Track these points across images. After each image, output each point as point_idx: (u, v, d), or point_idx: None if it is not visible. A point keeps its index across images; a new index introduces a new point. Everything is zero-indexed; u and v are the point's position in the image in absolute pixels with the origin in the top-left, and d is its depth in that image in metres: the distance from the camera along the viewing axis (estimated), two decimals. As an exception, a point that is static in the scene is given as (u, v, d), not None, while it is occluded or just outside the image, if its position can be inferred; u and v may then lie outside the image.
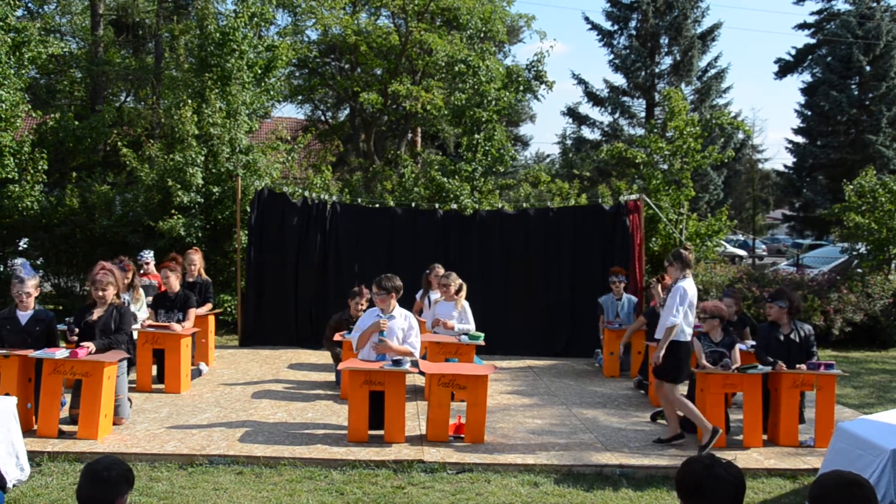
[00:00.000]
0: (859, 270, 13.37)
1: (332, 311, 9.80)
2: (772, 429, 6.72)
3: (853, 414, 7.58)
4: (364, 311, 7.63)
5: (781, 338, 6.81)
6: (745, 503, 2.75)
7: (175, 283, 8.45)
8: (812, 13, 31.30)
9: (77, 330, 6.47)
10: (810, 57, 30.67)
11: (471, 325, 8.35)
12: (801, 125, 30.09)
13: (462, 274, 8.82)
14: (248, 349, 10.84)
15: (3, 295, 12.42)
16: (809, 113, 29.37)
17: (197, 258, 9.50)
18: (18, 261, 12.75)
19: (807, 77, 30.77)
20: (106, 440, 6.12)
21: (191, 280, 9.34)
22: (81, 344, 6.31)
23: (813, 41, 30.80)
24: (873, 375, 10.18)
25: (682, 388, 8.09)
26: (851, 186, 13.81)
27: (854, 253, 14.15)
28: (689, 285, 6.54)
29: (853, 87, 28.30)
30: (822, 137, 28.87)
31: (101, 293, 6.58)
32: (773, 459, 6.21)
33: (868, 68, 27.61)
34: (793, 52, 31.46)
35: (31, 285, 6.41)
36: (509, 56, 31.12)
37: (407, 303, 9.44)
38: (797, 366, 6.67)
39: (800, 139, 30.25)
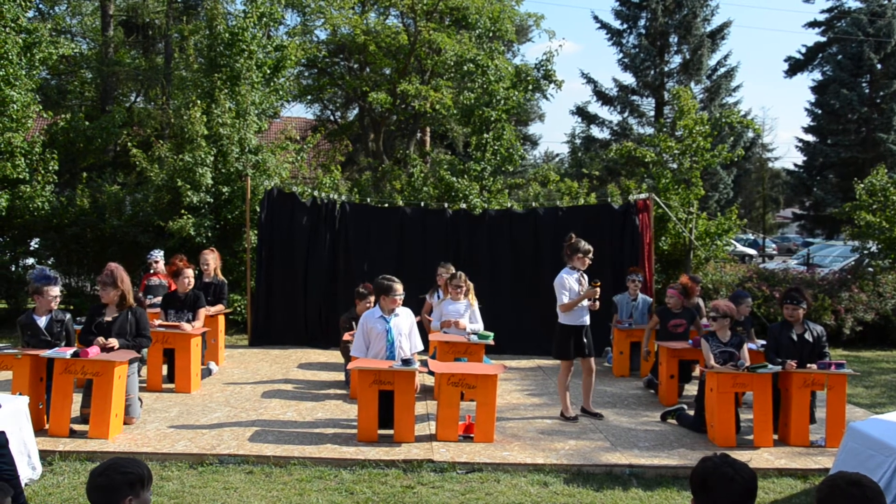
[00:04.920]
0: (870, 269, 13.30)
1: (341, 310, 9.81)
2: (782, 428, 6.69)
3: (864, 414, 7.53)
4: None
5: (794, 337, 6.76)
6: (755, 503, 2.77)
7: (185, 284, 8.45)
8: (822, 11, 31.31)
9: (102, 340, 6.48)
10: (821, 55, 30.55)
11: (479, 325, 8.38)
12: (812, 124, 29.99)
13: (471, 273, 8.82)
14: (257, 349, 10.87)
15: (15, 295, 12.51)
16: (820, 111, 29.26)
17: (211, 258, 9.49)
18: (29, 262, 12.86)
19: (817, 75, 30.72)
20: (117, 439, 6.15)
21: (206, 280, 9.36)
22: (108, 340, 6.40)
23: (823, 39, 30.67)
24: (885, 375, 10.11)
25: (692, 389, 8.10)
26: (862, 185, 13.72)
27: (865, 252, 14.07)
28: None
29: (864, 85, 28.17)
30: (832, 136, 28.76)
31: (101, 292, 6.65)
32: (783, 459, 6.18)
33: (879, 66, 27.48)
34: (803, 50, 31.38)
35: (59, 289, 6.48)
36: (518, 55, 31.04)
37: (415, 302, 9.49)
38: (808, 365, 6.64)
39: (810, 138, 30.14)
